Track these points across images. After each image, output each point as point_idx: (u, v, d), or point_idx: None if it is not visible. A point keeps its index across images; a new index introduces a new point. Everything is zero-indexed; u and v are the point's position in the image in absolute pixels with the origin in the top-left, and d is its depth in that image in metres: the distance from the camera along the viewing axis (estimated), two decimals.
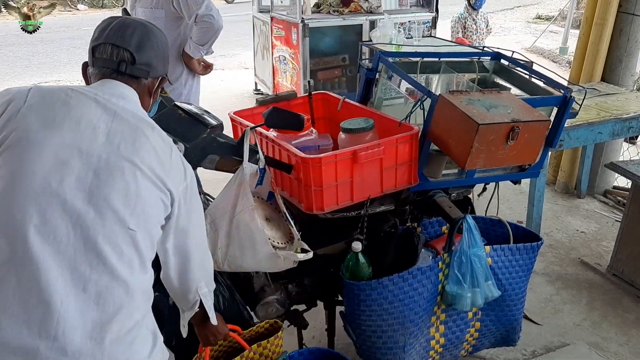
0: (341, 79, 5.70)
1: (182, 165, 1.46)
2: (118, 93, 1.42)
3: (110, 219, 1.27)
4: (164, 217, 1.40)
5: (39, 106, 1.32)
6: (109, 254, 1.26)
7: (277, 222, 2.00)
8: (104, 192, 1.27)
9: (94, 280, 1.24)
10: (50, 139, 1.27)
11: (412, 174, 2.16)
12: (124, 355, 1.29)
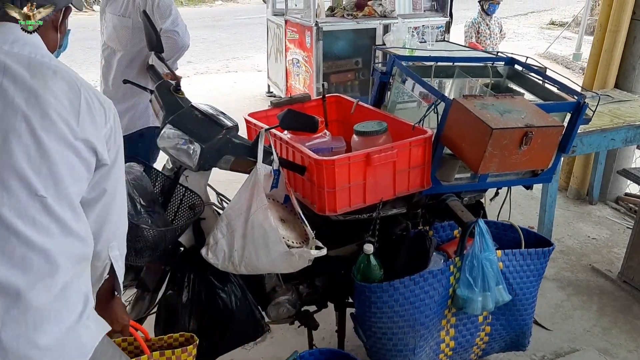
0: (354, 82, 5.72)
1: (102, 107, 1.32)
2: (11, 38, 1.28)
3: (16, 188, 1.17)
4: (84, 172, 1.28)
5: None
6: (19, 225, 1.17)
7: (292, 224, 2.02)
8: (3, 159, 1.17)
9: (9, 254, 1.16)
10: None
11: (425, 177, 2.18)
12: (50, 321, 1.21)
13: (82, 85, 1.31)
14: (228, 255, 1.96)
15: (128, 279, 2.08)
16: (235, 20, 14.24)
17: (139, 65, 2.94)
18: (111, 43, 2.92)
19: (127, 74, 2.87)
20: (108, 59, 2.96)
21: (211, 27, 12.86)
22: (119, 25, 2.85)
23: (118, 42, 2.90)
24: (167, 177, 2.07)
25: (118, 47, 2.91)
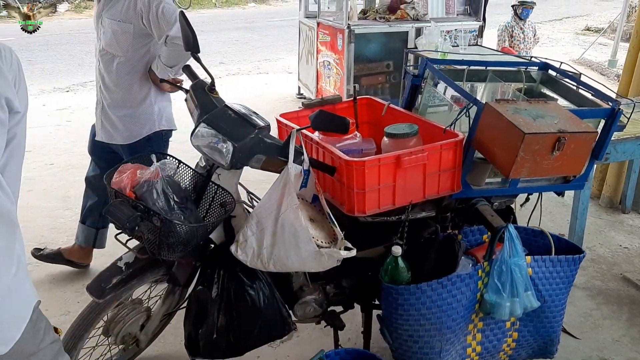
0: (385, 85, 5.72)
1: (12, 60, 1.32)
2: None
3: None
4: None
5: None
6: None
7: (320, 223, 2.04)
8: None
9: None
10: None
11: (455, 181, 2.17)
12: None
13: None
14: (257, 252, 1.99)
15: (160, 274, 2.13)
16: (268, 22, 14.34)
17: (141, 71, 2.89)
18: (110, 49, 2.83)
19: (129, 79, 2.87)
20: (107, 65, 2.86)
21: (244, 29, 12.98)
22: (120, 31, 2.78)
23: (118, 48, 2.82)
24: (200, 175, 2.11)
25: (118, 53, 2.83)
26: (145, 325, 2.28)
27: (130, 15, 2.75)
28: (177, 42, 2.71)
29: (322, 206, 2.03)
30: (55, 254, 3.27)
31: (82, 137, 5.36)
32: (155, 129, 2.98)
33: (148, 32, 2.79)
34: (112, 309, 2.14)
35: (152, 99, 2.95)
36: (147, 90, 2.93)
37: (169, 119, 3.07)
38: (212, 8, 16.57)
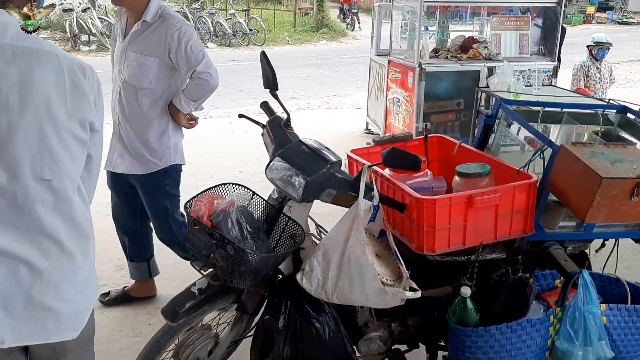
0: (455, 123, 5.69)
1: (84, 76, 1.46)
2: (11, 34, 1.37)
3: (25, 176, 1.37)
4: (80, 150, 1.47)
5: None
6: (34, 207, 1.39)
7: (386, 260, 2.05)
8: (11, 154, 1.35)
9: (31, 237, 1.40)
10: None
11: (528, 223, 2.14)
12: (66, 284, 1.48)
13: (64, 63, 1.42)
14: (322, 283, 2.01)
15: (230, 301, 2.19)
16: (338, 59, 14.61)
17: (162, 104, 2.94)
18: (133, 81, 2.87)
19: (150, 112, 2.92)
20: (128, 97, 2.90)
21: (314, 65, 13.29)
22: (145, 64, 2.83)
23: (142, 80, 2.86)
24: (272, 206, 2.17)
25: (141, 85, 2.87)
26: (212, 351, 2.34)
27: (158, 50, 2.83)
28: (204, 77, 2.86)
29: (390, 243, 2.05)
30: (122, 295, 3.35)
31: None
32: (171, 162, 3.05)
33: (172, 66, 2.88)
34: (182, 333, 2.21)
35: (169, 133, 3.02)
36: (165, 123, 2.99)
37: (182, 154, 3.14)
38: (285, 45, 17.06)
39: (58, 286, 1.46)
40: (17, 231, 1.39)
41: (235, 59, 13.94)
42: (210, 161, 5.91)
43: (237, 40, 16.04)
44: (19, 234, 1.39)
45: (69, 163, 1.44)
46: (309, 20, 19.54)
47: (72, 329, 1.52)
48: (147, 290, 3.39)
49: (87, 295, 1.57)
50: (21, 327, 1.43)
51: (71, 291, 1.49)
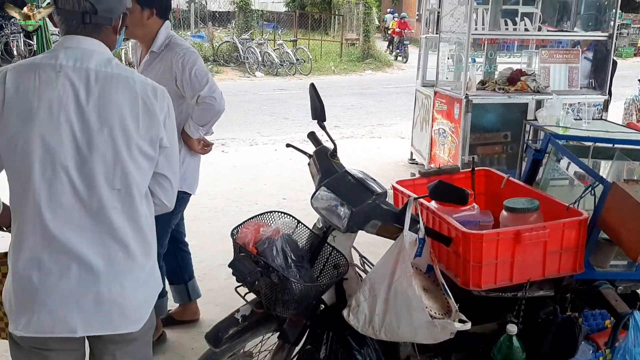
0: (501, 155, 5.61)
1: (156, 98, 1.66)
2: (80, 54, 1.60)
3: (100, 186, 1.59)
4: (147, 165, 1.67)
5: (15, 99, 1.55)
6: (107, 212, 1.61)
7: (434, 294, 2.03)
8: (89, 166, 1.58)
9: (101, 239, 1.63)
10: (30, 133, 1.54)
11: (578, 261, 2.09)
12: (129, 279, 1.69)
13: (138, 86, 1.64)
14: (369, 319, 2.00)
15: (272, 329, 2.20)
16: (383, 89, 14.68)
17: None
18: None
19: None
20: None
21: (359, 95, 13.38)
22: None
23: None
24: (316, 236, 2.18)
25: None
26: None
27: (166, 79, 2.82)
28: (208, 102, 2.84)
29: (437, 276, 2.03)
30: (167, 319, 3.34)
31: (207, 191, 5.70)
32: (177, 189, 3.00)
33: (181, 94, 2.87)
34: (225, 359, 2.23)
35: (181, 159, 2.94)
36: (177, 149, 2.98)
37: (191, 183, 3.08)
38: (330, 74, 17.26)
39: (123, 284, 1.66)
40: (92, 234, 1.62)
41: (282, 87, 14.18)
42: (255, 187, 6.00)
43: (284, 70, 16.33)
44: (94, 236, 1.62)
45: (137, 175, 1.65)
46: (355, 51, 19.75)
47: (135, 322, 1.72)
48: (190, 314, 3.41)
49: (148, 292, 1.77)
50: (91, 319, 1.64)
51: (134, 289, 1.69)
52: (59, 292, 1.60)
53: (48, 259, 1.59)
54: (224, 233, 2.16)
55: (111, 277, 1.64)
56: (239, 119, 10.06)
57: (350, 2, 21.09)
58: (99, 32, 1.65)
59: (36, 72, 1.57)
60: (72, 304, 1.61)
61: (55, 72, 1.57)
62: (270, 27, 21.17)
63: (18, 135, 1.55)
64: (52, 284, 1.60)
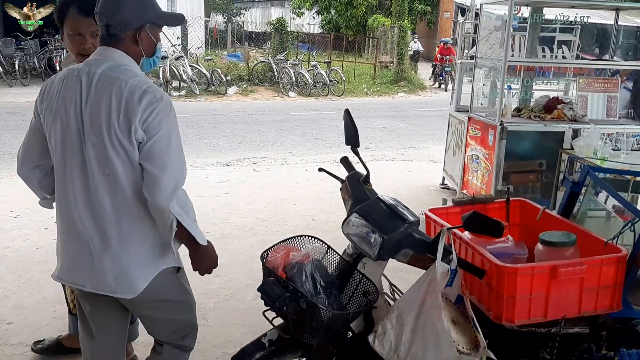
0: (535, 184, 5.51)
1: (140, 99, 1.85)
2: (97, 60, 1.92)
3: (94, 170, 1.90)
4: (125, 154, 1.87)
5: (46, 99, 1.97)
6: (99, 195, 1.92)
7: (463, 327, 1.99)
8: (87, 153, 1.89)
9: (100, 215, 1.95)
10: (55, 125, 1.93)
11: (615, 298, 2.03)
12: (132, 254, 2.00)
13: (127, 88, 1.86)
14: (394, 346, 1.97)
15: (298, 355, 2.18)
16: (416, 111, 14.63)
17: None
18: None
19: None
20: None
21: (392, 117, 13.36)
22: None
23: None
24: (346, 262, 2.17)
25: None
26: None
27: None
28: None
29: (467, 309, 1.99)
30: (55, 344, 3.15)
31: (237, 209, 5.78)
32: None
33: None
34: None
35: None
36: None
37: None
38: (363, 96, 17.29)
39: (116, 258, 1.96)
40: (90, 212, 1.94)
41: (314, 108, 14.25)
42: (285, 207, 6.00)
43: (317, 91, 16.42)
44: (91, 215, 1.94)
45: (118, 163, 1.89)
46: (388, 73, 19.77)
47: (128, 292, 1.99)
48: None
49: (142, 269, 2.00)
50: (94, 280, 1.99)
51: (126, 264, 1.97)
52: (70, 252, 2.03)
53: (64, 224, 2.02)
54: (252, 253, 2.17)
55: (107, 251, 1.96)
56: (271, 138, 10.14)
57: (385, 25, 21.17)
58: (119, 43, 1.93)
59: (65, 77, 1.94)
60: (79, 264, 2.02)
61: (75, 76, 1.91)
62: (305, 48, 21.38)
63: (50, 127, 1.96)
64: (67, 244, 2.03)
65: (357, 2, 26.85)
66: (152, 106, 1.87)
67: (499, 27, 6.01)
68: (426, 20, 31.05)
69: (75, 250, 2.00)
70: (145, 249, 2.00)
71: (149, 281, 2.01)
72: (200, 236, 2.02)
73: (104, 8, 1.90)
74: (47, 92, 1.98)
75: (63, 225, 2.02)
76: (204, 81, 15.57)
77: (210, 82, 15.51)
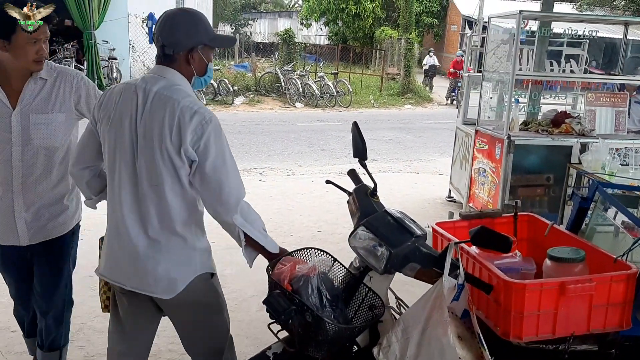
0: (543, 198, 5.49)
1: (190, 120, 1.97)
2: (153, 79, 2.05)
3: (144, 181, 2.03)
4: (172, 168, 2.00)
5: (104, 109, 2.10)
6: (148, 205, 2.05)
7: (468, 343, 1.96)
8: (138, 164, 2.02)
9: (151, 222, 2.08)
10: (108, 134, 2.08)
11: (625, 316, 2.00)
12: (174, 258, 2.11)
13: (179, 108, 1.98)
14: None
15: None
16: (422, 124, 14.64)
17: (67, 160, 2.63)
18: (44, 143, 2.57)
19: (62, 171, 2.64)
20: (37, 162, 2.58)
21: (398, 129, 13.37)
22: (54, 122, 2.57)
23: (54, 140, 2.58)
24: (353, 275, 2.15)
25: (52, 145, 2.59)
26: None
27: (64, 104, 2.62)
28: None
29: (473, 325, 1.96)
30: None
31: None
32: (78, 219, 2.82)
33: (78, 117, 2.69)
34: None
35: None
36: None
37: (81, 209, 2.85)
38: (370, 108, 17.32)
39: (157, 261, 2.07)
40: (137, 217, 2.07)
41: (321, 119, 14.29)
42: (291, 218, 6.00)
43: (324, 102, 16.47)
44: (138, 220, 2.07)
45: (167, 177, 2.01)
46: (395, 85, 19.81)
47: (167, 292, 2.09)
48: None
49: (182, 272, 2.11)
50: (134, 280, 2.11)
51: (166, 267, 2.08)
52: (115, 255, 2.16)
53: (112, 226, 2.14)
54: (257, 264, 2.16)
55: (149, 252, 2.08)
56: (278, 148, 10.15)
57: (392, 37, 21.24)
58: (173, 62, 2.07)
59: (123, 91, 2.08)
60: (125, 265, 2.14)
61: (132, 91, 2.05)
62: (312, 59, 21.46)
63: (104, 134, 2.10)
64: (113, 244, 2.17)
65: (364, 14, 26.98)
66: (202, 127, 1.99)
67: (506, 40, 6.01)
68: (433, 33, 31.15)
69: (119, 250, 2.12)
70: (185, 254, 2.12)
71: (187, 284, 2.11)
72: (271, 245, 2.12)
73: (160, 30, 2.04)
74: (105, 102, 2.12)
75: (111, 226, 2.15)
76: (211, 91, 15.64)
77: (218, 92, 15.59)
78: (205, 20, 2.13)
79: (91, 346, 3.32)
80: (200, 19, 2.10)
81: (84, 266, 3.04)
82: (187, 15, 2.08)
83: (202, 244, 2.18)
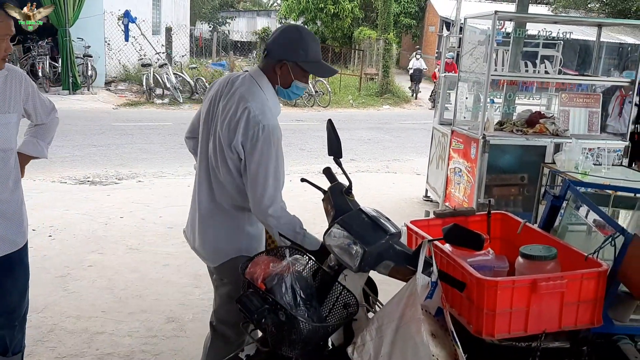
0: (517, 197, 5.55)
1: (247, 122, 2.19)
2: (246, 75, 2.33)
3: (214, 174, 2.35)
4: (232, 163, 2.26)
5: (208, 92, 2.43)
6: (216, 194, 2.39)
7: (442, 340, 1.97)
8: (209, 156, 2.35)
9: None
10: (202, 115, 2.42)
11: (596, 313, 2.02)
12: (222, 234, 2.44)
13: (245, 109, 2.21)
14: (373, 358, 1.94)
15: None
16: (400, 124, 14.72)
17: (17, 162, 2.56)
18: (4, 145, 2.44)
19: (16, 175, 2.54)
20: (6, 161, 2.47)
21: (376, 129, 13.42)
22: (10, 123, 2.45)
23: (11, 141, 2.48)
24: (327, 273, 2.14)
25: (10, 147, 2.47)
26: None
27: (17, 104, 2.51)
28: (57, 116, 2.76)
29: (447, 323, 1.97)
30: None
31: None
32: None
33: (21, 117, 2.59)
34: None
35: None
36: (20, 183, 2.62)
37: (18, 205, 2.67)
38: (348, 108, 17.35)
39: (210, 233, 2.42)
40: (206, 193, 2.39)
41: (299, 118, 14.26)
42: None
43: (303, 101, 16.44)
44: (206, 188, 2.39)
45: (222, 165, 2.30)
46: (374, 85, 19.87)
47: (212, 260, 2.45)
48: None
49: (228, 246, 2.39)
50: (196, 242, 2.49)
51: (216, 235, 2.41)
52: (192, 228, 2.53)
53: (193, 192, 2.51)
54: None
55: (201, 224, 2.44)
56: None
57: (370, 38, 21.29)
58: (265, 66, 2.31)
59: (228, 80, 2.37)
60: None
61: (227, 82, 2.35)
62: None
63: (202, 113, 2.44)
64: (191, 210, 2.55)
65: (343, 14, 27.00)
66: (255, 132, 2.19)
67: (482, 41, 6.07)
68: (411, 34, 31.32)
69: (191, 216, 2.52)
70: (232, 232, 2.39)
71: (229, 258, 2.37)
72: (308, 242, 2.25)
73: (271, 34, 2.35)
74: (211, 87, 2.45)
75: (193, 189, 2.50)
76: (188, 89, 15.52)
77: (194, 90, 15.47)
78: (311, 44, 2.28)
79: (62, 347, 3.25)
80: (304, 40, 2.27)
81: (55, 266, 2.97)
82: (295, 31, 2.30)
83: (253, 229, 2.41)
